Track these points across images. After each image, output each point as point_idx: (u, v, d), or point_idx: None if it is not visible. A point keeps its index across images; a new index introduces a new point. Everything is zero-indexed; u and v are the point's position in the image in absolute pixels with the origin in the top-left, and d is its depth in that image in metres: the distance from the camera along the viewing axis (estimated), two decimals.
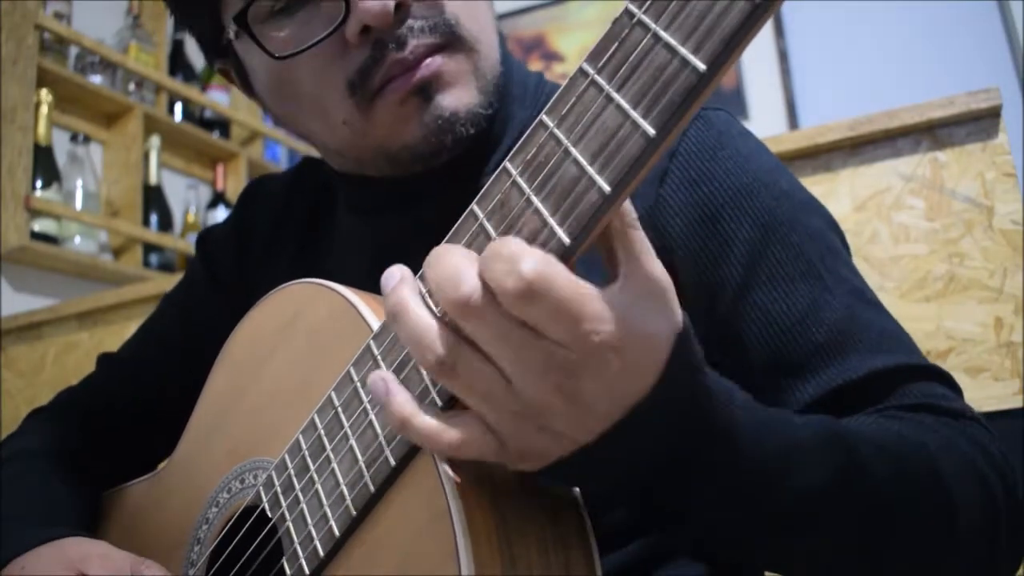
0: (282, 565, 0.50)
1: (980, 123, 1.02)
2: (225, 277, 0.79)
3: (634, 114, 0.35)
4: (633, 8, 0.35)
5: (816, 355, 0.55)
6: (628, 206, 0.37)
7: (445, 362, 0.37)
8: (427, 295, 0.40)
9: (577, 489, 0.46)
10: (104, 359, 0.84)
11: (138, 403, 0.78)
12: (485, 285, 0.35)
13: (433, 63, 0.58)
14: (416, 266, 0.45)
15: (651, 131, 0.35)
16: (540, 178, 0.38)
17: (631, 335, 0.36)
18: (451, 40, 0.58)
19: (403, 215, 0.66)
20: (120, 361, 0.82)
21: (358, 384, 0.47)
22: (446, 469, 0.42)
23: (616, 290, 0.36)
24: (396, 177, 0.65)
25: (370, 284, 0.54)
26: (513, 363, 0.36)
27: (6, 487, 0.67)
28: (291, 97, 0.63)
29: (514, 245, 0.35)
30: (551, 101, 0.38)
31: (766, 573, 0.63)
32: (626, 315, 0.35)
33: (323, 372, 0.51)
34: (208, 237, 0.82)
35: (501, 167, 0.40)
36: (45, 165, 1.86)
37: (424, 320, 0.38)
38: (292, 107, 0.64)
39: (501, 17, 2.62)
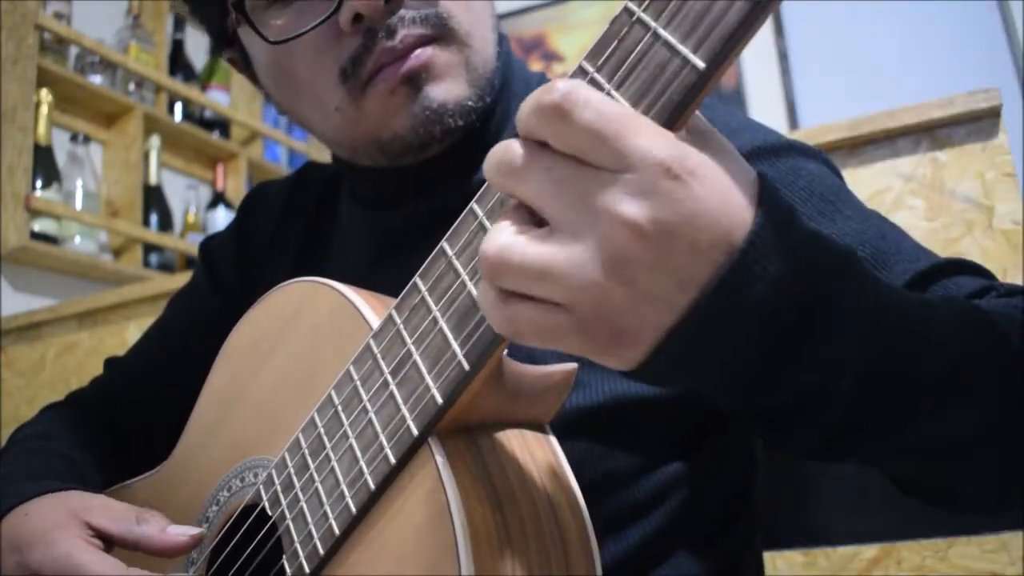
0: (282, 563, 0.50)
1: (980, 123, 1.02)
2: (226, 282, 0.80)
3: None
4: (632, 6, 0.36)
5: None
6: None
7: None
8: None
9: (576, 486, 0.46)
10: (110, 363, 0.85)
11: (143, 406, 0.80)
12: (528, 140, 0.35)
13: (423, 54, 0.59)
14: (418, 257, 0.45)
15: None
16: None
17: (693, 159, 0.33)
18: (443, 32, 0.59)
19: (404, 206, 0.67)
20: (126, 365, 0.83)
21: (358, 383, 0.47)
22: (446, 467, 0.42)
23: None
24: (397, 167, 0.65)
25: (372, 274, 0.54)
26: (577, 209, 0.33)
27: (13, 458, 0.69)
28: (289, 84, 0.64)
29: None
30: None
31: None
32: (680, 144, 0.33)
33: (323, 370, 0.51)
34: (210, 244, 0.84)
35: None
36: (45, 165, 1.86)
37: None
38: (291, 95, 0.65)
39: (501, 17, 2.62)
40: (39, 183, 1.84)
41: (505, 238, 0.35)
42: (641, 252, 0.32)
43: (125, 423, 0.79)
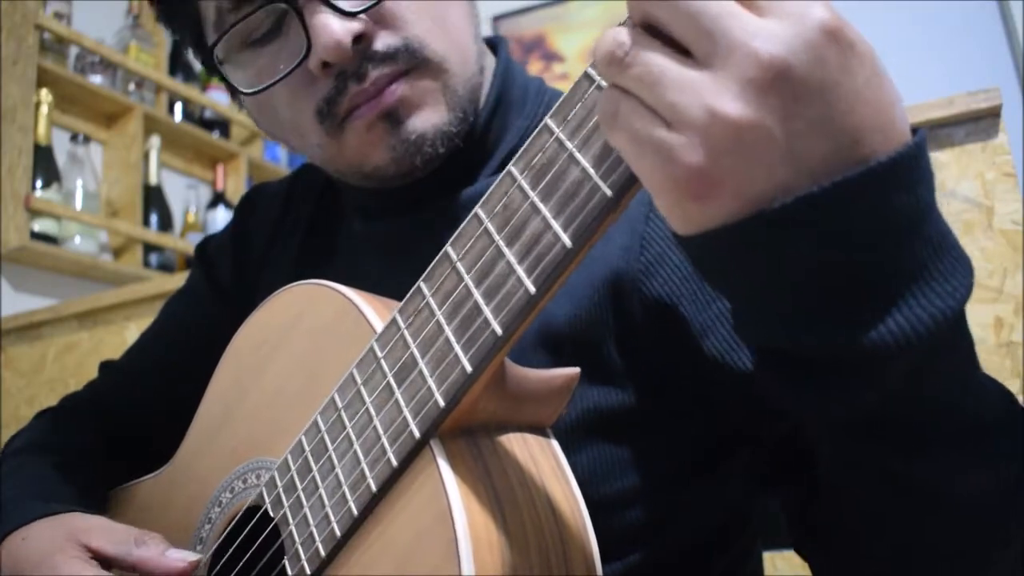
0: (284, 565, 0.50)
1: (980, 123, 1.02)
2: (225, 284, 0.79)
3: None
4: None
5: None
6: None
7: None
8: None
9: (577, 489, 0.46)
10: (105, 367, 0.84)
11: (140, 409, 0.79)
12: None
13: (396, 90, 0.58)
14: (423, 262, 0.45)
15: None
16: (545, 182, 0.38)
17: (856, 34, 0.31)
18: (415, 64, 0.59)
19: (408, 217, 0.67)
20: (121, 368, 0.82)
21: (361, 385, 0.47)
22: (448, 470, 0.42)
23: None
24: (399, 182, 0.65)
25: (384, 285, 0.54)
26: (717, 36, 0.30)
27: (10, 474, 0.68)
28: (272, 118, 0.65)
29: None
30: (556, 105, 0.39)
31: None
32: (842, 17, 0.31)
33: (327, 373, 0.51)
34: (208, 245, 0.83)
35: (505, 170, 0.41)
36: (45, 165, 1.86)
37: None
38: (274, 126, 0.66)
39: (501, 17, 2.62)
40: (39, 183, 1.84)
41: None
42: (770, 99, 0.30)
43: (121, 427, 0.78)
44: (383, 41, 0.58)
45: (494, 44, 0.71)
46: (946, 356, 0.35)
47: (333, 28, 0.55)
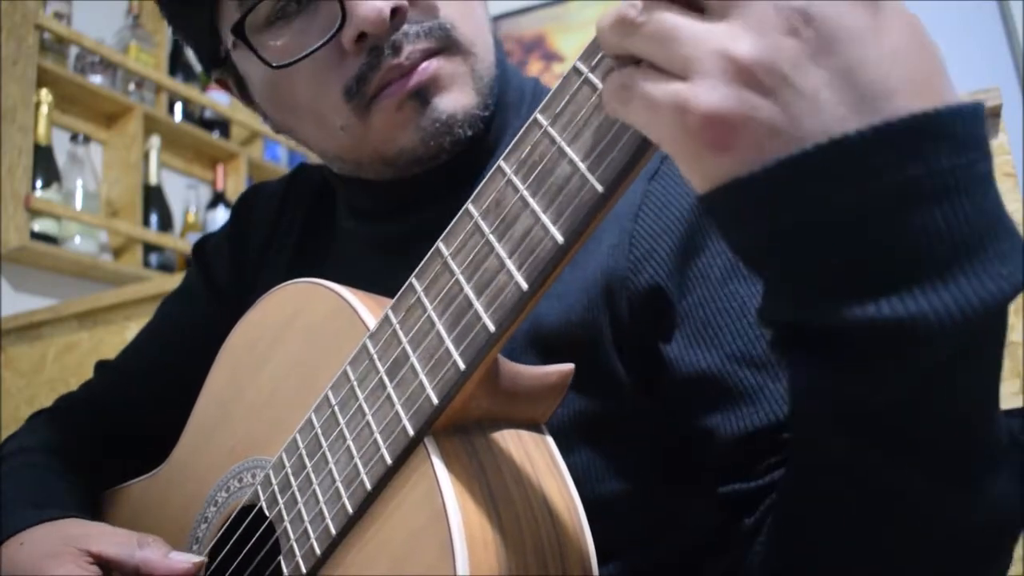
0: (279, 564, 0.50)
1: None
2: (222, 284, 0.79)
3: None
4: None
5: None
6: None
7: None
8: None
9: (573, 486, 0.46)
10: (101, 367, 0.84)
11: (136, 409, 0.78)
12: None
13: (429, 67, 0.58)
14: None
15: None
16: (534, 177, 0.38)
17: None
18: (447, 44, 0.59)
19: (406, 218, 0.67)
20: (116, 368, 0.82)
21: (355, 383, 0.47)
22: (442, 468, 0.42)
23: None
24: (397, 180, 0.65)
25: (381, 286, 0.54)
26: None
27: (7, 477, 0.68)
28: (288, 105, 0.63)
29: None
30: (545, 99, 0.38)
31: None
32: None
33: (321, 371, 0.51)
34: (204, 245, 0.83)
35: (496, 166, 0.40)
36: (45, 165, 1.86)
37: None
38: (290, 114, 0.65)
39: (501, 17, 2.62)
40: (39, 183, 1.84)
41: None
42: (787, 43, 0.29)
43: (117, 427, 0.78)
44: (417, 17, 0.58)
45: None
46: (985, 349, 0.33)
47: None
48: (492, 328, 0.40)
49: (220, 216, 2.27)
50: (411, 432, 0.43)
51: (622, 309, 0.57)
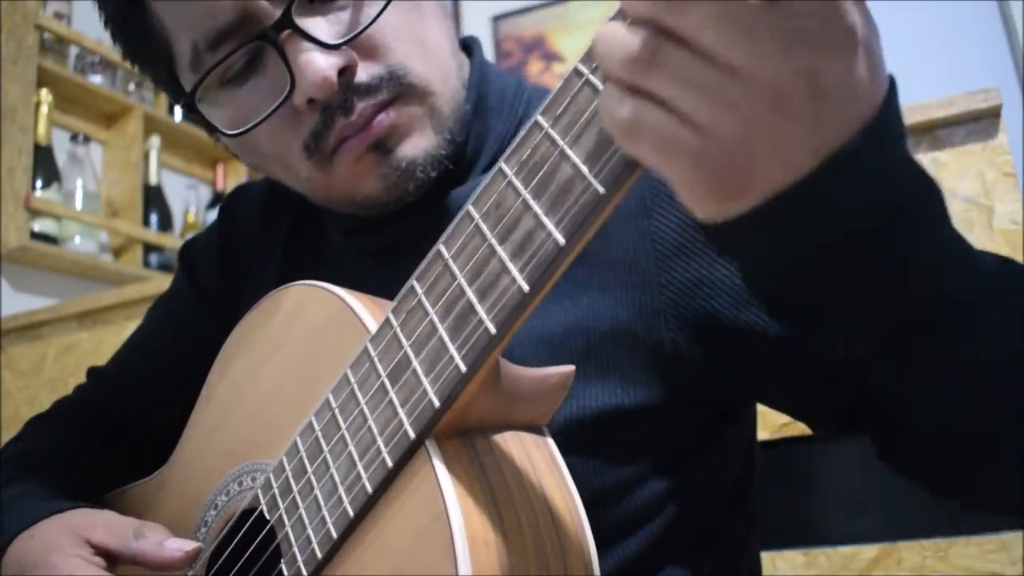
0: (280, 567, 0.50)
1: (980, 123, 1.02)
2: (209, 286, 0.79)
3: None
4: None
5: None
6: None
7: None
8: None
9: (574, 488, 0.46)
10: (92, 373, 0.83)
11: (130, 413, 0.78)
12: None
13: (384, 119, 0.57)
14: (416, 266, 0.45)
15: None
16: (536, 179, 0.38)
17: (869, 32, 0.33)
18: (401, 91, 0.58)
19: (392, 230, 0.66)
20: (108, 374, 0.82)
21: (355, 386, 0.47)
22: (443, 470, 0.42)
23: None
24: (391, 207, 0.65)
25: (379, 287, 0.54)
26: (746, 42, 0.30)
27: (12, 478, 0.68)
28: (256, 153, 0.63)
29: None
30: (546, 102, 0.38)
31: None
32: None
33: (321, 374, 0.51)
34: (191, 248, 0.82)
35: (496, 168, 0.40)
36: (45, 165, 1.86)
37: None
38: (259, 160, 0.65)
39: (501, 17, 2.62)
40: (39, 183, 1.84)
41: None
42: (803, 100, 0.31)
43: (114, 432, 0.78)
44: (367, 71, 0.57)
45: (468, 45, 0.69)
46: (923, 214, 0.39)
47: (318, 64, 0.54)
48: (493, 331, 0.40)
49: None
50: (412, 435, 0.43)
51: (654, 305, 0.57)
